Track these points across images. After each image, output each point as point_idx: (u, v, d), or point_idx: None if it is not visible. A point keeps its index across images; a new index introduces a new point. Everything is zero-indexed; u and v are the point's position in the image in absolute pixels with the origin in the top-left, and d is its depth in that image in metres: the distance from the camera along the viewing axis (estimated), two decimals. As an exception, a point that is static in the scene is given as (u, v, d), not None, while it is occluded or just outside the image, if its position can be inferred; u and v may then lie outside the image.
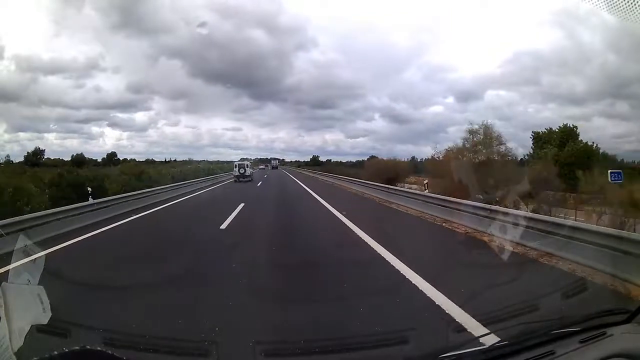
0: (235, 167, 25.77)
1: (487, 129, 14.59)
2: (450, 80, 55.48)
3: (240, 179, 24.44)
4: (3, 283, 1.02)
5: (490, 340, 1.61)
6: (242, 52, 60.67)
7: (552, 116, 48.29)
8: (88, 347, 0.96)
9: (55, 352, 0.92)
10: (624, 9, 1.54)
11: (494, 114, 52.67)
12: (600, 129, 42.80)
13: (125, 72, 55.49)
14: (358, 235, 6.83)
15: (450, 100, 59.28)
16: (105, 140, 56.88)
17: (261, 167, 50.73)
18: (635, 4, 1.51)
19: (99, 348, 1.00)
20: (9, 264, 1.77)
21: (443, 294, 3.53)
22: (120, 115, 64.43)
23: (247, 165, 25.89)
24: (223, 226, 7.92)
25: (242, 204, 11.34)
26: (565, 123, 22.98)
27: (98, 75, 57.62)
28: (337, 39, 66.98)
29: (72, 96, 51.14)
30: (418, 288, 3.80)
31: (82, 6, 50.26)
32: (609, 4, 1.57)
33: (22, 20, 47.71)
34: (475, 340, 2.08)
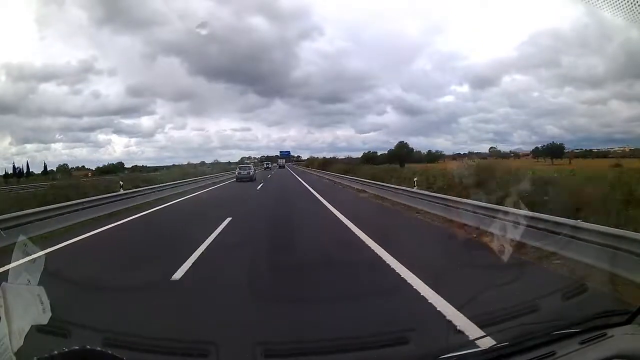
0: (263, 163, 52.82)
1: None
2: (463, 67, 53.71)
3: (265, 168, 48.61)
4: (3, 283, 1.02)
5: (490, 341, 1.60)
6: (244, 43, 57.97)
7: (568, 101, 46.45)
8: (88, 347, 0.96)
9: (56, 352, 0.92)
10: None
11: (509, 102, 51.03)
12: (615, 112, 41.70)
13: (123, 74, 54.88)
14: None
15: (465, 88, 56.93)
16: (114, 148, 56.51)
17: (274, 164, 54.85)
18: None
19: (99, 348, 1.00)
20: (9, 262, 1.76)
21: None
22: (125, 121, 64.19)
23: (269, 162, 53.24)
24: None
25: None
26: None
27: (94, 79, 56.31)
28: (344, 26, 62.94)
29: (71, 104, 50.51)
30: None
31: (64, 3, 49.10)
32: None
33: (4, 26, 46.58)
34: (475, 340, 2.07)
